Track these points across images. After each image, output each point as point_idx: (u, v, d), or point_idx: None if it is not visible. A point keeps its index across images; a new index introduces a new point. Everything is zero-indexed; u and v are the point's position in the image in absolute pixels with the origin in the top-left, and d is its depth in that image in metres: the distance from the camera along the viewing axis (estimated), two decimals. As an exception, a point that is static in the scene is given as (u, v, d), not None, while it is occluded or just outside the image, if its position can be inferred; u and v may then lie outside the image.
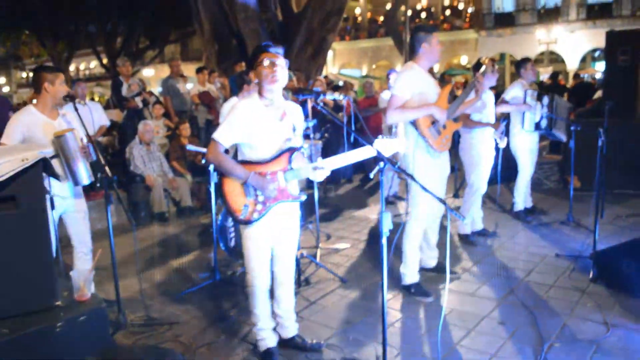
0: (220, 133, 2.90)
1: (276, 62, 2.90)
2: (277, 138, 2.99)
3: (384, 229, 2.58)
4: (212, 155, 2.91)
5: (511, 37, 26.64)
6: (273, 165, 2.97)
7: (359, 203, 7.37)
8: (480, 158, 5.22)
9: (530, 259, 4.78)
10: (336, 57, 32.93)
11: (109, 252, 3.64)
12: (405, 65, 4.09)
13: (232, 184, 2.95)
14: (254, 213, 2.96)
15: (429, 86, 3.98)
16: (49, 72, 3.71)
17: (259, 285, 3.11)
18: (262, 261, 3.09)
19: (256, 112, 2.92)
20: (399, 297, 4.08)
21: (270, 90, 2.93)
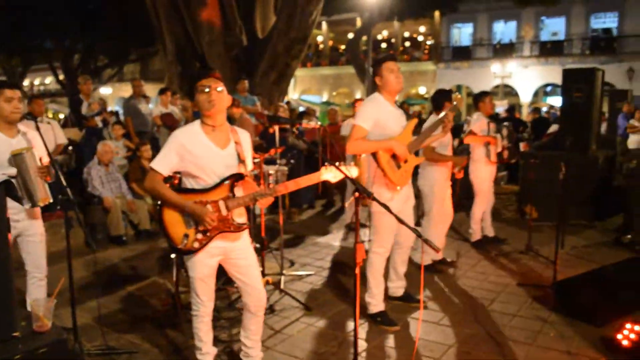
0: (158, 161, 2.87)
1: (210, 88, 2.81)
2: (218, 166, 2.91)
3: (357, 259, 2.56)
4: (149, 183, 2.88)
5: (468, 70, 27.60)
6: (214, 194, 2.91)
7: (322, 229, 7.34)
8: (442, 191, 5.29)
9: (492, 288, 4.84)
10: (297, 83, 33.20)
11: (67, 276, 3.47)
12: (370, 96, 4.10)
13: (172, 212, 2.90)
14: (195, 242, 2.89)
15: (393, 118, 3.98)
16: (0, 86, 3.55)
17: (204, 312, 3.09)
18: (207, 290, 3.05)
19: (194, 140, 2.87)
20: (364, 326, 4.05)
21: (210, 116, 2.87)
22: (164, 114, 8.29)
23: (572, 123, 7.29)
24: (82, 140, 7.67)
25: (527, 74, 26.39)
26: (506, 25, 27.81)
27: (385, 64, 3.93)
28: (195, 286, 3.02)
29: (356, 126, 3.87)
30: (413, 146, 4.04)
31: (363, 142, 3.84)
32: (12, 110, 3.53)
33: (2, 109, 3.52)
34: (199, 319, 3.10)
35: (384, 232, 4.05)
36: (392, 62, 3.95)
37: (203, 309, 3.08)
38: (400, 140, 3.88)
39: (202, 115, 2.89)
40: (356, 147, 3.89)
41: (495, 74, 25.91)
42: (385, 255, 4.12)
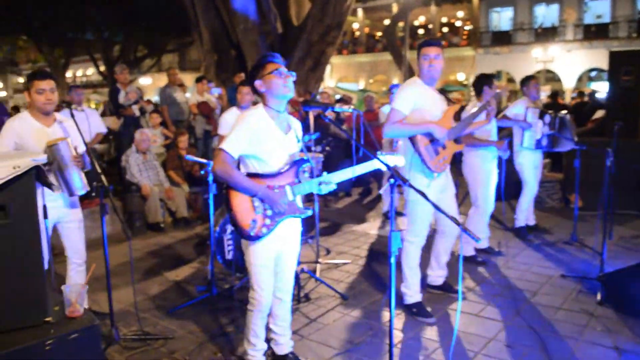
0: (229, 143, 2.76)
1: (288, 72, 2.82)
2: (284, 150, 2.90)
3: (392, 249, 2.46)
4: (220, 166, 2.74)
5: (508, 55, 26.83)
6: (281, 178, 2.87)
7: (359, 217, 7.25)
8: (486, 176, 5.12)
9: (535, 279, 4.67)
10: (333, 71, 33.00)
11: (104, 262, 3.50)
12: (409, 80, 4.00)
13: (241, 197, 2.82)
14: (263, 228, 2.83)
15: (432, 103, 3.85)
16: (29, 79, 3.57)
17: (264, 304, 2.98)
18: (269, 278, 2.97)
19: (264, 123, 2.82)
20: (401, 317, 3.96)
21: (280, 101, 2.85)
22: (200, 103, 8.31)
23: (619, 108, 6.95)
24: (120, 129, 7.76)
25: (571, 59, 25.44)
26: (548, 8, 26.82)
27: (422, 49, 3.80)
28: (258, 274, 2.91)
29: (394, 110, 3.75)
30: (453, 132, 3.90)
31: (400, 124, 3.71)
32: (44, 101, 3.54)
33: (35, 100, 3.55)
34: (259, 314, 2.99)
35: (419, 221, 3.93)
36: (427, 47, 3.79)
37: (264, 301, 2.95)
38: (440, 124, 3.74)
39: (269, 98, 2.82)
40: (393, 130, 3.76)
41: (536, 59, 25.09)
42: (420, 245, 4.00)
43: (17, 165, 2.01)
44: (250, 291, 2.99)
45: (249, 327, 3.04)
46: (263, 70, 2.81)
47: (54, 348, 2.09)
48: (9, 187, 2.00)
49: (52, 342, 2.09)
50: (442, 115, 3.86)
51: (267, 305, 3.00)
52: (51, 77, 3.59)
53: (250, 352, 3.07)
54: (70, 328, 2.17)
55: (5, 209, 2.02)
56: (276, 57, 2.87)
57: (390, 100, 7.21)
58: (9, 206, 2.03)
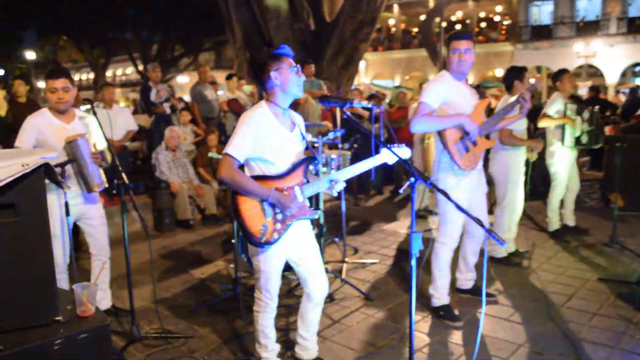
0: (234, 147, 2.64)
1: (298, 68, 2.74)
2: (290, 150, 2.79)
3: (413, 250, 2.35)
4: (227, 172, 2.62)
5: (548, 50, 26.05)
6: (289, 179, 2.76)
7: (389, 216, 7.12)
8: (517, 177, 4.92)
9: (570, 282, 4.45)
10: (369, 68, 32.76)
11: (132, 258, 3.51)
12: (438, 74, 3.86)
13: (250, 203, 2.70)
14: (274, 233, 2.73)
15: (462, 97, 3.70)
16: (45, 79, 3.59)
17: (272, 308, 2.92)
18: (277, 283, 2.89)
19: (268, 122, 2.70)
20: (427, 320, 3.83)
21: (288, 98, 2.75)
22: (230, 100, 8.32)
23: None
24: (151, 127, 7.84)
25: (614, 53, 24.51)
26: (590, 1, 25.91)
27: (452, 42, 3.65)
28: (267, 280, 2.83)
29: (422, 103, 3.60)
30: (485, 128, 3.74)
31: (429, 117, 3.56)
32: (56, 100, 3.55)
33: (49, 99, 3.58)
34: (266, 316, 2.93)
35: (450, 221, 3.78)
36: (457, 40, 3.63)
37: (272, 304, 2.90)
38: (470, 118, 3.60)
39: (279, 95, 2.72)
40: (422, 124, 3.60)
41: (578, 54, 24.30)
42: (451, 246, 3.85)
43: (25, 163, 1.99)
44: (256, 292, 2.92)
45: (257, 329, 2.97)
46: (280, 62, 2.70)
47: (62, 348, 2.06)
48: (18, 184, 1.98)
49: (60, 341, 2.06)
50: (473, 110, 3.71)
51: (275, 307, 2.93)
52: (65, 76, 3.56)
53: (264, 355, 3.00)
54: (80, 328, 2.15)
55: (15, 206, 2.01)
56: (291, 52, 2.77)
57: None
58: (18, 204, 2.01)
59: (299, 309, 3.09)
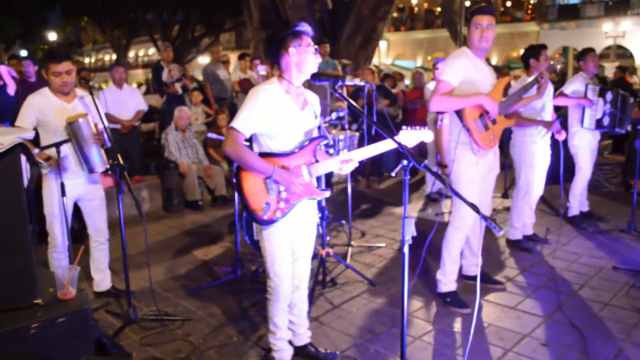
0: (240, 121, 2.56)
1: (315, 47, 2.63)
2: (300, 128, 2.70)
3: (405, 236, 2.24)
4: (231, 146, 2.55)
5: (575, 30, 25.25)
6: (297, 158, 2.67)
7: (401, 199, 6.95)
8: (534, 158, 4.72)
9: (583, 270, 4.29)
10: (390, 48, 32.27)
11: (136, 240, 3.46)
12: (457, 50, 3.68)
13: (253, 179, 2.63)
14: (277, 212, 2.65)
15: (482, 75, 3.56)
16: (46, 60, 3.54)
17: (284, 292, 2.81)
18: (286, 264, 2.79)
19: (278, 99, 2.61)
20: (432, 306, 3.72)
21: (303, 77, 2.65)
22: (242, 80, 8.21)
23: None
24: (163, 107, 7.79)
25: (645, 33, 23.68)
26: (621, -22, 25.01)
27: (475, 17, 3.47)
28: (274, 262, 2.74)
29: (442, 81, 3.46)
30: (504, 106, 3.58)
31: (449, 96, 3.42)
32: (60, 84, 3.52)
33: (51, 82, 3.54)
34: (276, 305, 2.83)
35: (464, 205, 3.63)
36: (480, 15, 3.46)
37: (281, 290, 2.79)
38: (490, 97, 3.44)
39: (294, 73, 2.62)
40: (441, 103, 3.45)
41: (606, 34, 23.50)
42: (464, 232, 3.70)
43: (0, 143, 1.92)
44: (267, 279, 2.83)
45: (269, 316, 2.89)
46: (300, 39, 2.59)
47: (39, 332, 2.02)
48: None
49: (37, 325, 2.01)
50: (492, 88, 3.56)
51: (286, 294, 2.83)
52: (67, 59, 3.53)
53: (272, 341, 2.93)
54: (58, 311, 2.10)
55: (-12, 187, 1.94)
56: (313, 34, 2.66)
57: (435, 76, 6.87)
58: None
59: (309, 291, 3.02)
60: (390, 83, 8.86)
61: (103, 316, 3.70)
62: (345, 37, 11.88)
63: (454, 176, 3.63)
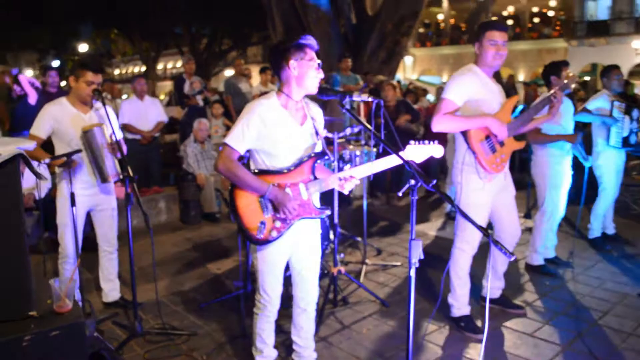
0: (233, 137, 2.50)
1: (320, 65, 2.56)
2: (298, 144, 2.61)
3: (412, 259, 2.14)
4: (224, 163, 2.49)
5: (605, 47, 24.77)
6: (293, 175, 2.59)
7: (421, 216, 6.83)
8: (558, 178, 4.56)
9: (607, 297, 4.10)
10: (416, 63, 32.14)
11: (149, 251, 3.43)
12: (465, 67, 3.49)
13: (247, 197, 2.55)
14: (273, 231, 2.57)
15: (491, 94, 3.42)
16: (79, 69, 3.57)
17: (271, 310, 2.76)
18: (278, 284, 2.73)
19: (275, 114, 2.53)
20: (444, 330, 3.59)
21: (304, 92, 2.57)
22: (262, 93, 8.21)
23: None
24: (184, 119, 7.83)
25: (677, 51, 23.14)
26: (652, -5, 24.53)
27: (489, 32, 3.32)
28: (266, 281, 2.69)
29: (445, 100, 3.30)
30: (512, 128, 3.43)
31: (452, 117, 3.27)
32: (89, 93, 3.54)
33: (80, 89, 3.55)
34: (265, 319, 2.79)
35: (470, 227, 3.51)
36: (495, 31, 3.32)
37: (270, 307, 2.75)
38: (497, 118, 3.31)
39: (294, 87, 2.54)
40: (443, 124, 3.29)
41: (637, 51, 22.99)
42: (470, 253, 3.58)
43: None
44: (256, 294, 2.77)
45: (255, 332, 2.82)
46: (303, 53, 2.51)
47: (31, 345, 1.96)
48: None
49: (29, 338, 1.96)
50: (500, 109, 3.42)
51: (274, 311, 2.77)
52: (102, 72, 3.59)
53: (257, 358, 2.85)
54: (52, 324, 2.04)
55: (-15, 196, 1.92)
56: (317, 48, 2.59)
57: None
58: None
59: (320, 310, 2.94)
60: (412, 98, 8.77)
61: (110, 327, 3.67)
62: (368, 52, 11.84)
63: (460, 200, 3.49)
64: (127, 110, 6.60)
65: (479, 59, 3.41)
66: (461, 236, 3.55)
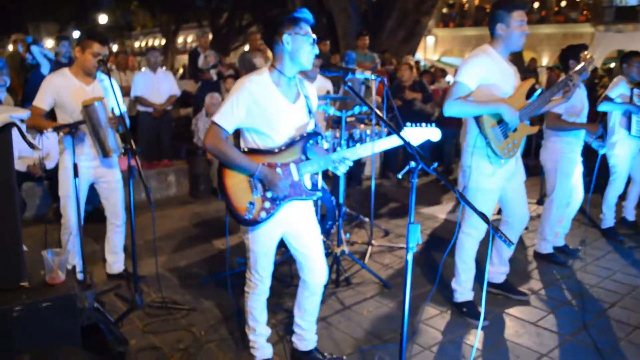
0: (222, 115, 2.41)
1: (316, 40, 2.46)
2: (290, 123, 2.52)
3: (410, 243, 2.09)
4: (212, 141, 2.41)
5: (633, 33, 24.06)
6: (285, 155, 2.52)
7: (431, 199, 6.75)
8: (570, 166, 4.43)
9: (616, 288, 4.02)
10: (438, 44, 31.63)
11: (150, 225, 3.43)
12: (479, 48, 3.35)
13: (236, 177, 2.50)
14: (262, 212, 2.51)
15: (505, 77, 3.29)
16: (85, 39, 3.51)
17: (262, 290, 2.74)
18: (268, 265, 2.69)
19: (266, 90, 2.44)
20: (446, 315, 3.54)
21: (296, 68, 2.47)
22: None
23: None
24: (197, 93, 7.79)
25: None
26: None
27: (517, 12, 3.17)
28: (257, 261, 2.65)
29: (457, 83, 3.19)
30: (526, 112, 3.32)
31: (464, 101, 3.16)
32: (95, 64, 3.49)
33: (86, 60, 3.50)
34: (255, 297, 2.75)
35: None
36: (522, 11, 3.20)
37: (261, 286, 2.72)
38: (510, 103, 3.20)
39: (287, 63, 2.44)
40: (455, 108, 3.18)
41: (667, 39, 22.33)
42: (478, 238, 3.51)
43: (-10, 120, 1.87)
44: (247, 272, 2.74)
45: (247, 310, 2.80)
46: (297, 27, 2.39)
47: (22, 315, 1.97)
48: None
49: (20, 308, 1.97)
50: (514, 92, 3.31)
51: (265, 289, 2.75)
52: (108, 43, 3.51)
53: (251, 338, 2.83)
54: (43, 295, 2.04)
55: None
56: (311, 18, 2.48)
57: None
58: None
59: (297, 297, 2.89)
60: (428, 79, 8.60)
61: (112, 299, 3.69)
62: (388, 30, 11.68)
63: (469, 184, 3.41)
64: (140, 82, 6.57)
65: (500, 40, 3.26)
66: (468, 221, 3.49)
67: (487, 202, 3.38)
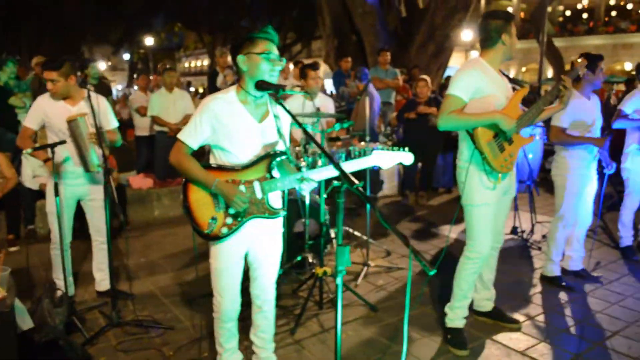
0: (187, 133, 2.48)
1: (278, 58, 2.46)
2: (255, 141, 2.52)
3: (339, 267, 2.00)
4: (175, 157, 2.49)
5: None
6: (249, 172, 2.51)
7: (446, 218, 6.55)
8: (579, 185, 4.19)
9: (622, 315, 3.73)
10: (482, 59, 31.03)
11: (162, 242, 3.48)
12: (469, 61, 3.27)
13: (199, 192, 2.52)
14: (223, 228, 2.50)
15: (498, 88, 3.17)
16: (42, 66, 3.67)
17: (226, 310, 2.68)
18: (231, 283, 2.64)
19: (230, 110, 2.46)
20: (430, 341, 3.38)
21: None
22: (294, 87, 8.15)
23: None
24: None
25: None
26: None
27: (509, 24, 3.16)
28: (218, 279, 2.63)
29: (450, 96, 3.09)
30: (522, 123, 3.17)
31: (458, 115, 3.06)
32: (49, 88, 3.63)
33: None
34: (220, 323, 2.72)
35: (479, 231, 3.25)
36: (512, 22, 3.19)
37: (223, 308, 2.67)
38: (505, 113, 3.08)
39: (248, 83, 2.47)
40: (449, 122, 3.09)
41: None
42: (479, 263, 3.32)
43: None
44: (213, 297, 2.71)
45: (215, 335, 2.78)
46: (252, 46, 2.42)
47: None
48: None
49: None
50: (508, 103, 3.16)
51: (228, 314, 2.69)
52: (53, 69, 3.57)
53: None
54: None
55: None
56: (271, 35, 2.48)
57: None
58: None
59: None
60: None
61: (96, 316, 3.74)
62: (417, 45, 11.54)
63: (465, 200, 3.27)
64: (156, 102, 6.73)
65: (499, 51, 3.18)
66: (471, 245, 3.31)
67: (486, 218, 3.23)
